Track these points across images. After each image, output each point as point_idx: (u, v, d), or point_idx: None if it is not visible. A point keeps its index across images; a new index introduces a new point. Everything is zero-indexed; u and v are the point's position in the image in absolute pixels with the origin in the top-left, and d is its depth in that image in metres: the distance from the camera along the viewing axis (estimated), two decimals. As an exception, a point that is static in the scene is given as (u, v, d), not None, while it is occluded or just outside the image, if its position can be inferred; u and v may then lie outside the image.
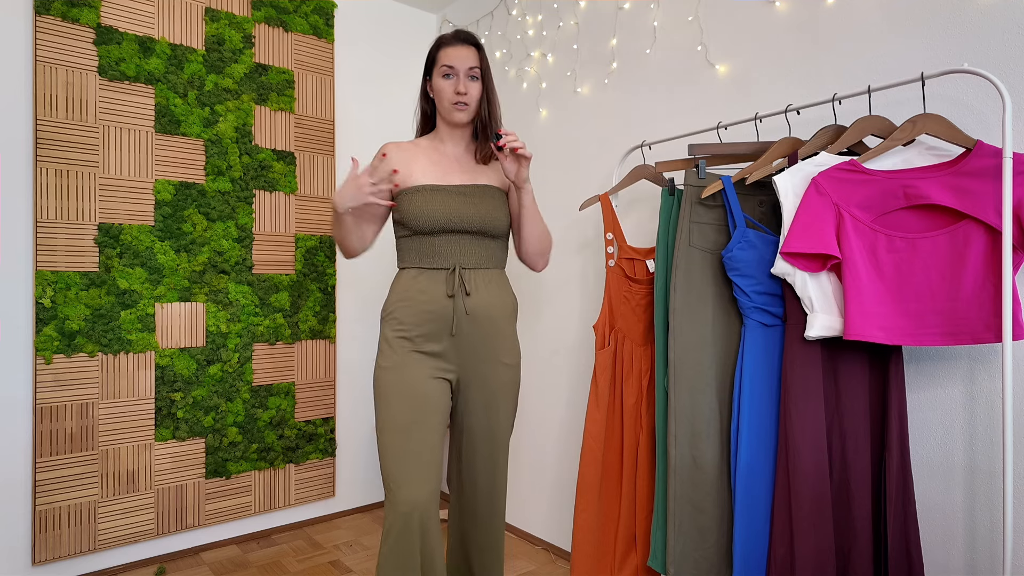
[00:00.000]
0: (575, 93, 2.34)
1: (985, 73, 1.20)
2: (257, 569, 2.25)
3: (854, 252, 1.29)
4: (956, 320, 1.23)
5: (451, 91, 1.49)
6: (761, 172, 1.47)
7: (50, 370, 2.06)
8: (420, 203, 1.45)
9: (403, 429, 1.41)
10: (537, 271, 1.61)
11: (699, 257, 1.54)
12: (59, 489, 2.07)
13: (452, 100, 1.49)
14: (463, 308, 1.47)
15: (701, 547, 1.51)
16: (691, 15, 1.94)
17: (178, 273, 2.30)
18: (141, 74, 2.22)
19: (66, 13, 2.08)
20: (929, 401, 1.44)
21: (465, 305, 1.47)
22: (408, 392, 1.43)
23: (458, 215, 1.47)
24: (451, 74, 1.50)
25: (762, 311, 1.46)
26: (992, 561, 1.35)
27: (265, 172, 2.50)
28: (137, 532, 2.22)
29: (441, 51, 1.52)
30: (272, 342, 2.52)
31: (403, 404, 1.42)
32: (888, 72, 1.50)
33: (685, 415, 1.52)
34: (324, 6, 2.66)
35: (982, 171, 1.21)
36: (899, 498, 1.31)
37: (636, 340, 1.77)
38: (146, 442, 2.24)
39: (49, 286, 2.05)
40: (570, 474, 2.34)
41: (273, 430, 2.52)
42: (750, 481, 1.44)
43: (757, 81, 1.77)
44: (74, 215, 2.10)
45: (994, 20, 1.34)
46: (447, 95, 1.50)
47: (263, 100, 2.49)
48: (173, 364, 2.29)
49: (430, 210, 1.45)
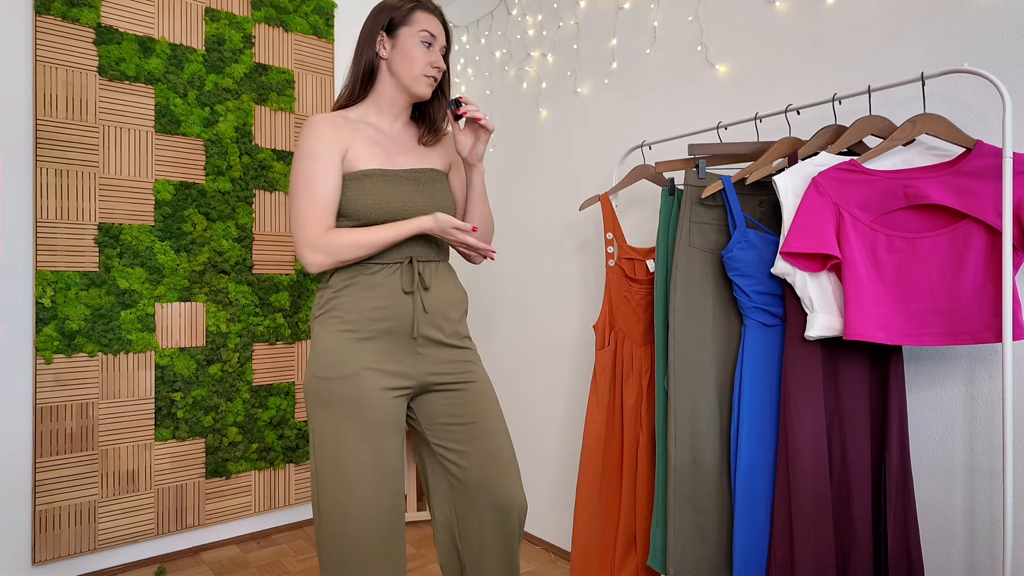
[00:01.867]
0: (575, 93, 2.34)
1: (985, 73, 1.20)
2: (257, 569, 2.25)
3: (854, 252, 1.29)
4: (956, 320, 1.23)
5: (426, 61, 1.31)
6: (761, 172, 1.47)
7: (50, 370, 2.06)
8: (371, 191, 1.27)
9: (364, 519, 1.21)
10: (475, 263, 1.44)
11: (699, 257, 1.54)
12: (59, 489, 2.07)
13: (425, 71, 1.31)
14: (422, 306, 1.29)
15: (701, 547, 1.51)
16: (691, 15, 1.94)
17: (178, 273, 2.30)
18: (141, 74, 2.22)
19: (66, 13, 2.08)
20: (929, 401, 1.44)
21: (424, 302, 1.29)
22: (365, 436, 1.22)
23: (412, 204, 1.30)
24: (431, 43, 1.32)
25: (762, 311, 1.46)
26: (992, 561, 1.35)
27: (265, 172, 2.50)
28: (137, 532, 2.22)
29: (420, 13, 1.32)
30: (272, 342, 2.52)
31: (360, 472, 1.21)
32: (888, 72, 1.50)
33: (685, 415, 1.52)
34: (324, 6, 2.66)
35: (982, 171, 1.21)
36: (899, 498, 1.31)
37: (636, 340, 1.77)
38: (146, 442, 2.24)
39: (49, 286, 2.05)
40: (570, 474, 2.34)
41: (273, 430, 2.52)
42: (750, 481, 1.44)
43: (757, 81, 1.77)
44: (74, 215, 2.10)
45: (994, 20, 1.34)
46: (419, 64, 1.30)
47: (263, 100, 2.49)
48: (173, 364, 2.29)
49: (382, 199, 1.27)
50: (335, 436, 1.22)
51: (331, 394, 1.23)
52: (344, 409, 1.22)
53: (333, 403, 1.23)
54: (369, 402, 1.23)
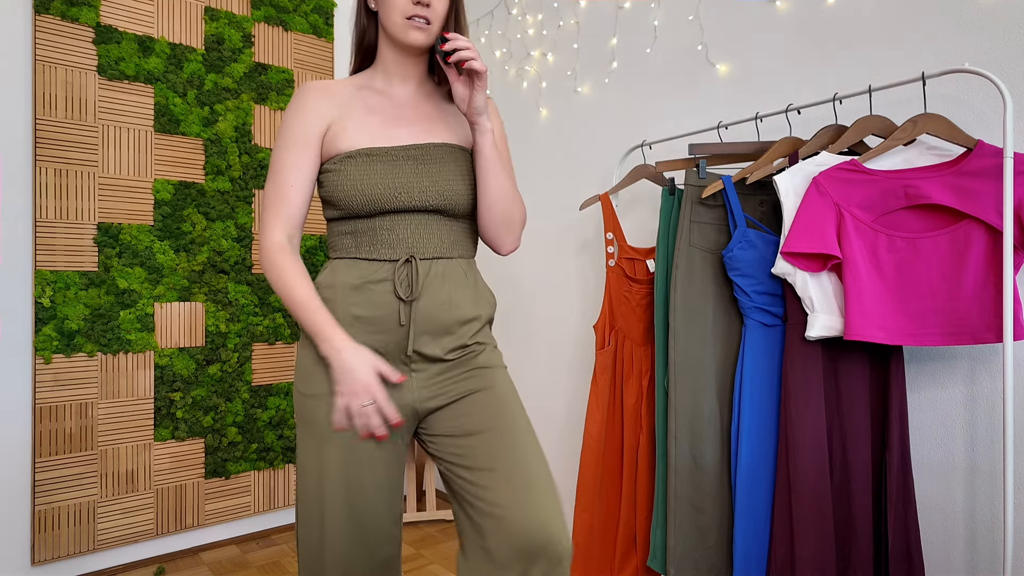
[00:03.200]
0: (575, 93, 2.34)
1: (986, 73, 1.20)
2: (257, 569, 2.25)
3: (855, 252, 1.28)
4: (957, 320, 1.23)
5: (406, 1, 1.04)
6: (762, 172, 1.47)
7: (49, 370, 2.05)
8: (352, 175, 1.04)
9: None
10: (503, 253, 1.16)
11: (699, 257, 1.54)
12: (58, 489, 2.07)
13: (406, 12, 1.04)
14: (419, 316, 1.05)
15: (701, 547, 1.51)
16: (691, 15, 1.94)
17: (177, 273, 2.30)
18: (141, 73, 2.22)
19: (65, 12, 2.07)
20: (930, 401, 1.43)
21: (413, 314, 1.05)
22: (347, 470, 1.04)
23: (407, 190, 1.05)
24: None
25: (762, 311, 1.46)
26: (992, 561, 1.34)
27: (265, 172, 2.50)
28: (136, 532, 2.22)
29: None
30: (272, 342, 2.51)
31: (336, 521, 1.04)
32: (888, 72, 1.50)
33: (685, 415, 1.52)
34: (324, 6, 2.66)
35: (983, 171, 1.21)
36: (899, 498, 1.30)
37: (636, 340, 1.77)
38: (145, 442, 2.24)
39: (48, 286, 2.04)
40: (570, 474, 2.34)
41: (273, 430, 2.52)
42: (750, 481, 1.44)
43: (757, 81, 1.77)
44: (73, 215, 2.10)
45: (994, 20, 1.34)
46: (399, 5, 1.04)
47: (263, 99, 2.49)
48: (172, 364, 2.29)
49: (364, 184, 1.04)
50: (315, 465, 1.06)
51: (311, 412, 1.06)
52: (324, 432, 1.05)
53: (313, 422, 1.06)
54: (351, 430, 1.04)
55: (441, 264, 1.08)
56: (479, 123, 1.06)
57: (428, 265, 1.07)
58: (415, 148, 1.08)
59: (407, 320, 1.04)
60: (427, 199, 1.06)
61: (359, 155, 1.05)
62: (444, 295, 1.06)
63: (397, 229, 1.07)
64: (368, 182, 1.04)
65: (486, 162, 1.08)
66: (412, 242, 1.07)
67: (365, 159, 1.05)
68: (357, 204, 1.05)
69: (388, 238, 1.06)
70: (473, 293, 1.11)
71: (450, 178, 1.08)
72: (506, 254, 1.17)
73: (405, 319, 1.04)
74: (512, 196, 1.12)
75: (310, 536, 1.07)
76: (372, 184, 1.04)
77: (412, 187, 1.06)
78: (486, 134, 1.06)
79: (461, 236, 1.13)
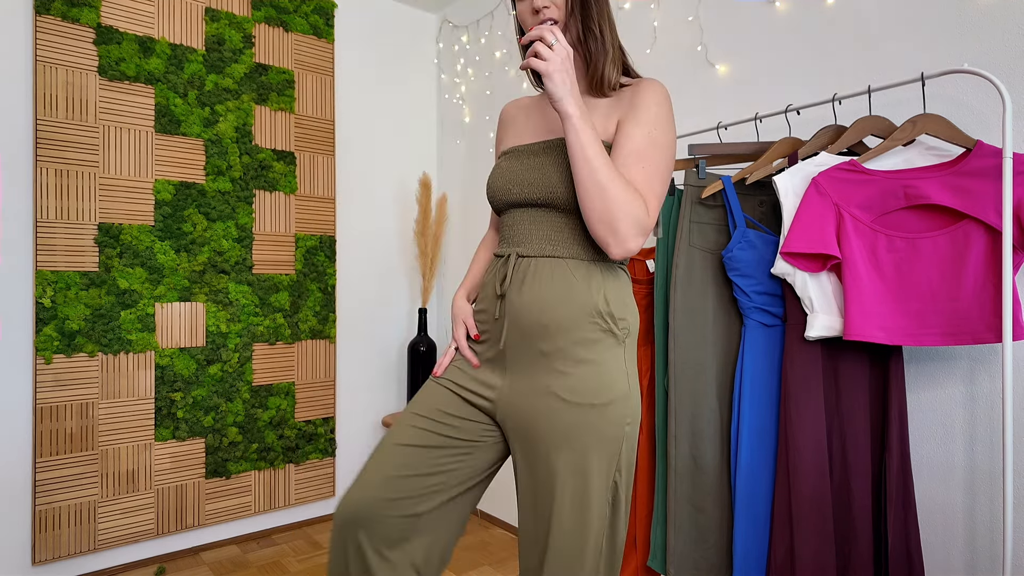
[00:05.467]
0: (575, 93, 2.34)
1: (985, 73, 1.20)
2: (257, 569, 2.25)
3: (854, 252, 1.29)
4: (956, 320, 1.23)
5: (528, 13, 1.05)
6: (761, 172, 1.47)
7: (50, 370, 2.06)
8: (491, 173, 1.14)
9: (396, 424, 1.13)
10: (609, 255, 1.01)
11: (699, 257, 1.54)
12: (59, 489, 2.07)
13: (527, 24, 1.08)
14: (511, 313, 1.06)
15: (701, 547, 1.51)
16: (691, 15, 1.94)
17: (178, 273, 2.30)
18: (141, 74, 2.22)
19: (66, 13, 2.08)
20: (929, 401, 1.44)
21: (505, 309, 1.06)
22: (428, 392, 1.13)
23: (517, 183, 1.08)
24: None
25: (762, 311, 1.46)
26: (992, 561, 1.34)
27: (265, 172, 2.50)
28: (137, 532, 2.22)
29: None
30: (272, 342, 2.52)
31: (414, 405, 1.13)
32: (888, 72, 1.50)
33: (685, 415, 1.52)
34: (324, 6, 2.66)
35: (982, 171, 1.21)
36: (899, 498, 1.30)
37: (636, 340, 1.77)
38: (146, 442, 2.24)
39: (49, 286, 2.05)
40: (570, 474, 2.34)
41: (273, 430, 2.52)
42: (750, 481, 1.44)
43: (757, 81, 1.77)
44: (74, 215, 2.10)
45: (994, 20, 1.34)
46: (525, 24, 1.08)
47: (263, 100, 2.49)
48: (173, 364, 2.29)
49: (492, 180, 1.13)
50: None
51: None
52: None
53: None
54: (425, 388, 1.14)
55: (547, 263, 1.05)
56: (562, 112, 0.98)
57: (529, 263, 1.06)
58: (539, 144, 1.10)
59: (501, 314, 1.07)
60: (533, 192, 1.06)
61: (502, 156, 1.16)
62: (533, 294, 1.03)
63: (512, 224, 1.10)
64: (493, 176, 1.13)
65: (569, 152, 0.99)
66: (520, 238, 1.08)
67: (503, 158, 1.15)
68: (489, 197, 1.14)
69: (507, 234, 1.11)
70: (581, 298, 1.02)
71: (550, 171, 1.05)
72: (615, 258, 1.02)
73: (499, 313, 1.07)
74: (601, 190, 0.96)
75: None
76: (494, 178, 1.12)
77: (521, 180, 1.08)
78: (572, 122, 0.97)
79: (575, 235, 1.06)
